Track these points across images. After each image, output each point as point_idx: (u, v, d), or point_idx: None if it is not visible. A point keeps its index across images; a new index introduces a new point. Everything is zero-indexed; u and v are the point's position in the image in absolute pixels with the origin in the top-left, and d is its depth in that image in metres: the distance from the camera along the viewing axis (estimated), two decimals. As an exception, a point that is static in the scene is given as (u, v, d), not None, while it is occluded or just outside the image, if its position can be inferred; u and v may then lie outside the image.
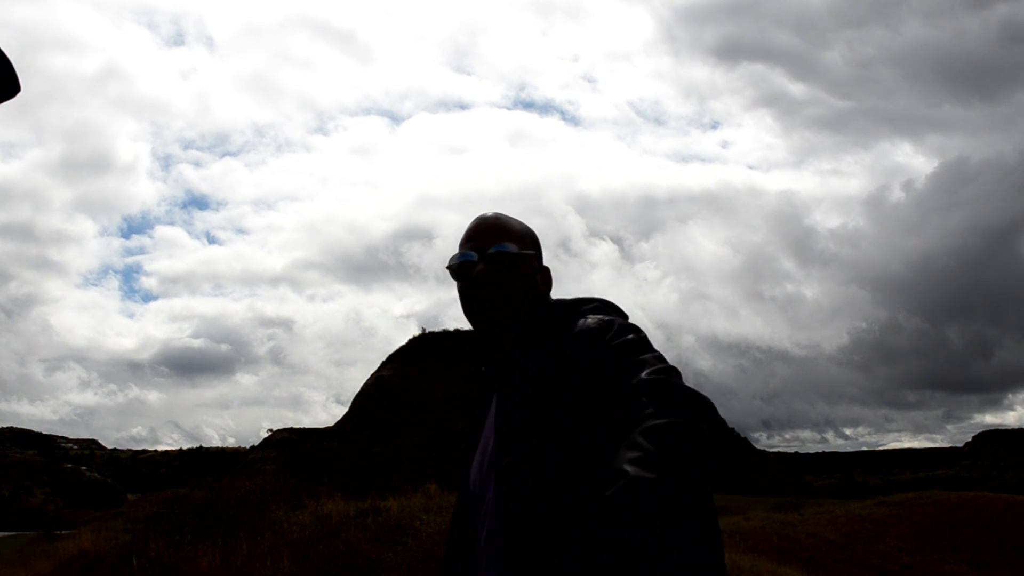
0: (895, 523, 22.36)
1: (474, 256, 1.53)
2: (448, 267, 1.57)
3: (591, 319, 1.44)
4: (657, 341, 1.49)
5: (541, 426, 1.35)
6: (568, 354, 1.39)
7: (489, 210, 1.63)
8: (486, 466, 1.44)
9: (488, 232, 1.55)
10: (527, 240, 1.58)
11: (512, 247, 1.53)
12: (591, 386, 1.33)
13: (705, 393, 1.24)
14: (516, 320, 1.51)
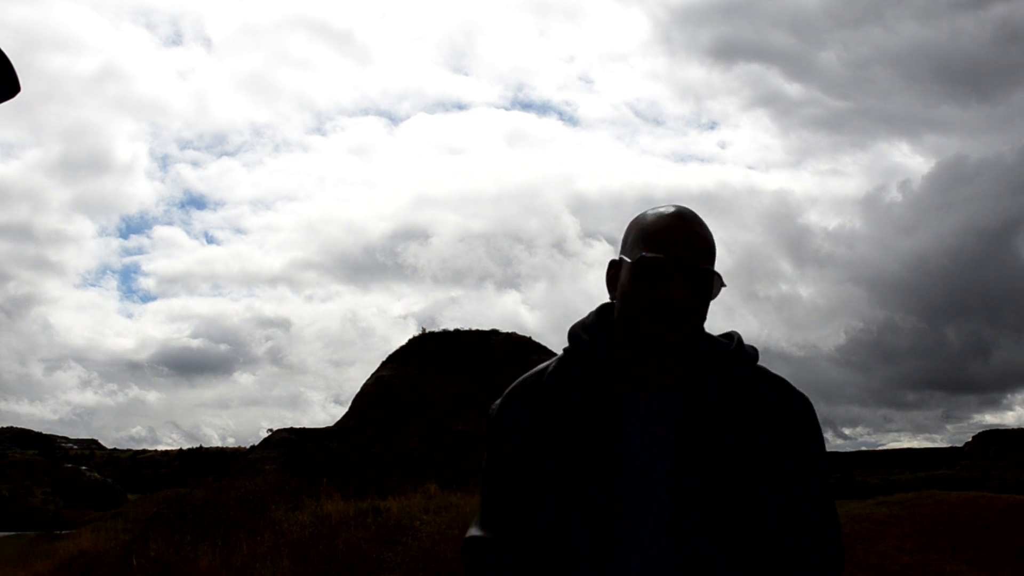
0: (895, 523, 22.31)
1: (671, 265, 1.32)
2: (641, 260, 1.34)
3: (796, 389, 1.43)
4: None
5: (725, 461, 1.34)
6: (762, 405, 1.39)
7: (673, 205, 1.40)
8: (649, 482, 1.35)
9: (690, 241, 1.35)
10: (715, 257, 1.40)
11: (714, 270, 1.36)
12: (775, 450, 1.37)
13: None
14: (687, 347, 1.38)
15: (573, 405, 1.41)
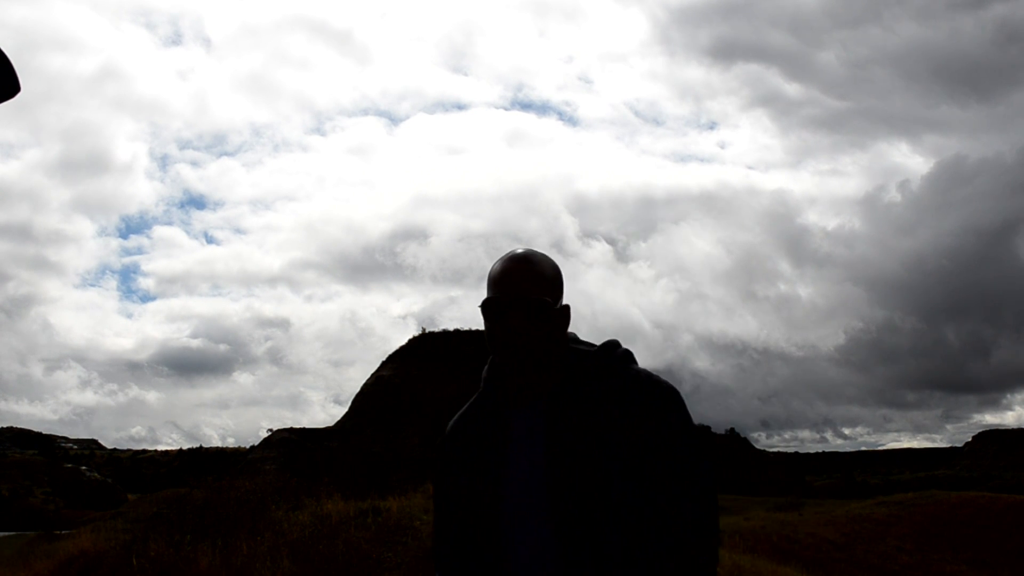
0: (895, 523, 22.35)
1: (507, 301, 1.54)
2: (483, 302, 1.57)
3: (661, 381, 1.54)
4: (655, 340, 1.53)
5: (598, 463, 1.45)
6: (629, 400, 1.50)
7: (521, 247, 1.64)
8: (530, 498, 1.50)
9: (523, 278, 1.55)
10: (558, 286, 1.60)
11: (547, 298, 1.55)
12: (640, 444, 1.47)
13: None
14: (541, 368, 1.56)
15: (472, 432, 1.63)
